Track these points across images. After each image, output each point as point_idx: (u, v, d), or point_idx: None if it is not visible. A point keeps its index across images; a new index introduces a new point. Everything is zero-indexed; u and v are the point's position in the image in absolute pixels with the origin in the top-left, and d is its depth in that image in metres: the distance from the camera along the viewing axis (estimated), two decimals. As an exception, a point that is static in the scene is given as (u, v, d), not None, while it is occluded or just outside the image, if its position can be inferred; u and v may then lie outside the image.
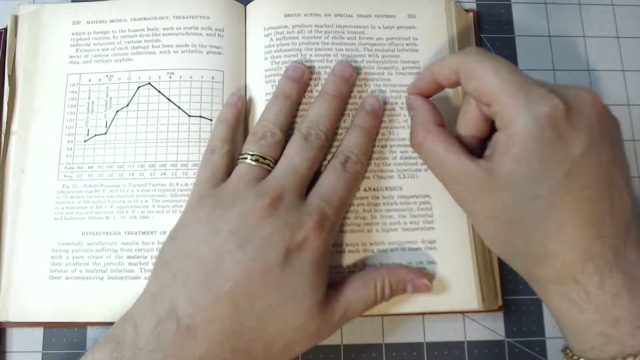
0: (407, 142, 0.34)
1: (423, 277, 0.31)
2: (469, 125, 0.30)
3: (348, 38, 0.36)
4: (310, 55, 0.35)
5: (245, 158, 0.31)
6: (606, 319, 0.25)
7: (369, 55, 0.36)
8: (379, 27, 0.36)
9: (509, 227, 0.27)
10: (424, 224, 0.33)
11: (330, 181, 0.31)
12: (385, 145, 0.34)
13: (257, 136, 0.32)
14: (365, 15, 0.37)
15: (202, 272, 0.27)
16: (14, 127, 0.35)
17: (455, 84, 0.29)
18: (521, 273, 0.28)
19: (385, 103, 0.35)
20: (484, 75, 0.27)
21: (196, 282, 0.27)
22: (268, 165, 0.31)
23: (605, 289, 0.25)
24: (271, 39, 0.36)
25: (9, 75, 0.36)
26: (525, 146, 0.25)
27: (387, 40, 0.36)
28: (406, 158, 0.34)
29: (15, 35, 0.37)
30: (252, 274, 0.27)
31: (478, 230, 0.30)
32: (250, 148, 0.31)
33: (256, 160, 0.31)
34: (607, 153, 0.25)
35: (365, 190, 0.33)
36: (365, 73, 0.35)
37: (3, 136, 0.35)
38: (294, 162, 0.30)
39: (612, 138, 0.26)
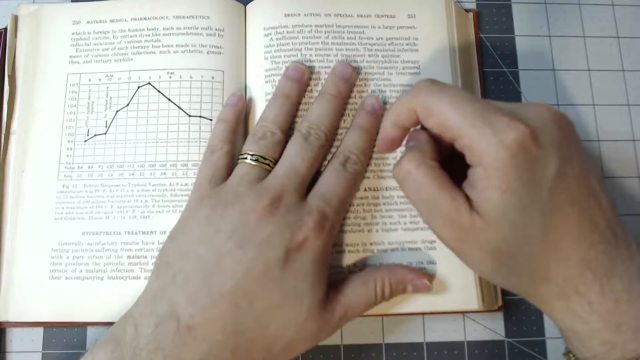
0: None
1: (423, 277, 0.31)
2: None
3: (348, 38, 0.36)
4: (310, 55, 0.35)
5: (245, 158, 0.31)
6: (609, 326, 0.25)
7: (369, 55, 0.36)
8: (379, 27, 0.36)
9: (510, 258, 0.26)
10: (424, 224, 0.33)
11: (330, 181, 0.31)
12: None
13: (257, 136, 0.32)
14: (365, 15, 0.37)
15: (202, 272, 0.27)
16: (14, 127, 0.35)
17: (418, 123, 0.29)
18: (523, 294, 0.28)
19: (385, 103, 0.35)
20: (443, 111, 0.26)
21: (196, 282, 0.27)
22: (268, 165, 0.31)
23: (606, 296, 0.25)
24: (271, 38, 0.36)
25: (9, 75, 0.36)
26: (505, 175, 0.24)
27: (387, 40, 0.36)
28: None
29: (15, 35, 0.37)
30: (252, 273, 0.27)
31: (474, 266, 0.29)
32: (250, 148, 0.31)
33: (256, 161, 0.31)
34: (578, 163, 0.26)
35: (365, 190, 0.33)
36: (365, 73, 0.35)
37: (3, 136, 0.35)
38: (294, 163, 0.30)
39: (575, 144, 0.26)
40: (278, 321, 0.27)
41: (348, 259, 0.33)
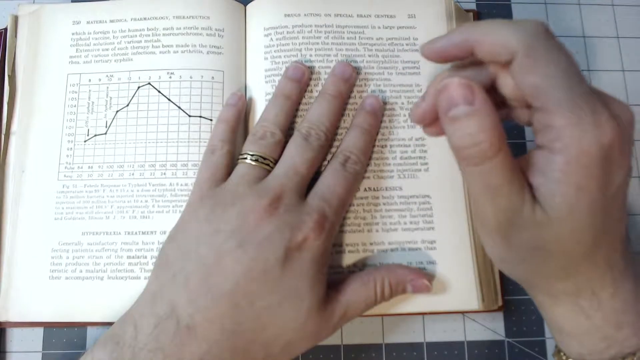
0: (407, 142, 0.34)
1: (423, 277, 0.31)
2: None
3: (348, 38, 0.36)
4: (310, 55, 0.35)
5: (245, 158, 0.31)
6: (612, 324, 0.25)
7: (369, 55, 0.36)
8: (379, 27, 0.36)
9: (551, 256, 0.24)
10: (424, 224, 0.33)
11: (330, 181, 0.30)
12: (385, 145, 0.34)
13: (257, 136, 0.32)
14: (365, 15, 0.37)
15: (201, 272, 0.27)
16: (14, 127, 0.35)
17: (496, 63, 0.25)
18: (528, 285, 0.28)
19: (385, 103, 0.35)
20: (552, 75, 0.22)
21: (196, 282, 0.27)
22: (268, 165, 0.31)
23: (617, 297, 0.25)
24: (271, 39, 0.36)
25: (9, 75, 0.36)
26: (589, 174, 0.22)
27: (387, 40, 0.36)
28: (406, 158, 0.34)
29: (15, 35, 0.37)
30: (252, 273, 0.27)
31: (495, 253, 0.26)
32: (250, 148, 0.31)
33: (256, 160, 0.31)
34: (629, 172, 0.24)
35: (365, 190, 0.33)
36: (365, 73, 0.35)
37: (3, 136, 0.35)
38: (294, 162, 0.30)
39: None
40: (277, 321, 0.27)
41: (348, 259, 0.33)
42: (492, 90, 0.26)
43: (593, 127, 0.21)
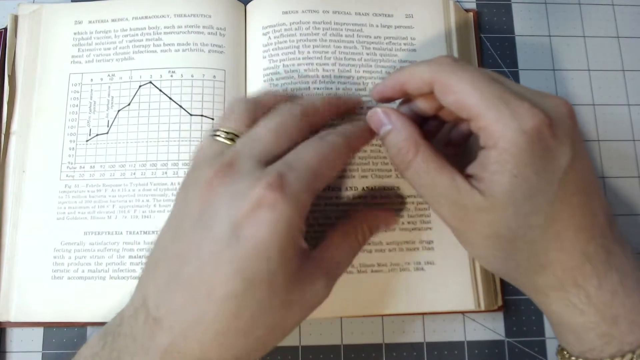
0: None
1: (391, 214, 0.32)
2: None
3: (346, 36, 0.36)
4: (308, 52, 0.35)
5: (211, 135, 0.28)
6: (606, 319, 0.25)
7: (367, 54, 0.36)
8: (377, 26, 0.36)
9: (510, 243, 0.26)
10: (422, 224, 0.33)
11: (299, 149, 0.27)
12: (383, 145, 0.34)
13: (226, 113, 0.29)
14: (363, 13, 0.37)
15: (165, 261, 0.26)
16: (14, 127, 0.35)
17: (426, 95, 0.28)
18: (519, 284, 0.28)
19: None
20: (463, 89, 0.26)
21: (162, 272, 0.25)
22: (232, 140, 0.28)
23: (603, 289, 0.25)
24: (269, 37, 0.36)
25: (9, 75, 0.36)
26: (520, 161, 0.24)
27: (385, 39, 0.36)
28: None
29: (15, 35, 0.37)
30: (204, 256, 0.24)
31: (472, 250, 0.29)
32: (216, 124, 0.29)
33: (218, 136, 0.28)
34: (586, 158, 0.26)
35: (363, 189, 0.33)
36: (363, 71, 0.35)
37: (3, 136, 0.35)
38: (256, 130, 0.27)
39: (582, 141, 0.27)
40: (246, 305, 0.24)
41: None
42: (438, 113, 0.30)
43: (512, 118, 0.24)
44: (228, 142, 0.27)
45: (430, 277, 0.33)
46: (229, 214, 0.24)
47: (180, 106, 0.35)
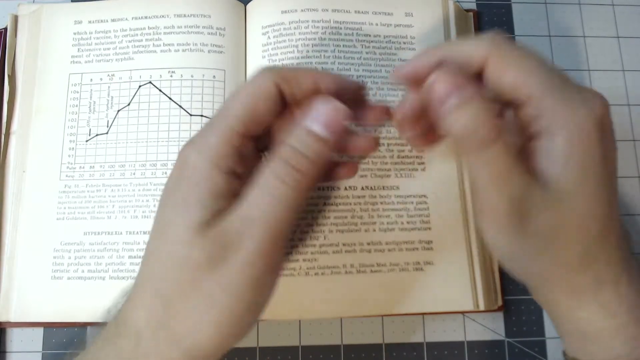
0: (404, 141, 0.34)
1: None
2: None
3: (345, 34, 0.36)
4: (307, 51, 0.35)
5: None
6: (636, 320, 0.24)
7: (367, 52, 0.36)
8: (377, 24, 0.36)
9: (570, 239, 0.23)
10: (421, 224, 0.33)
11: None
12: (382, 144, 0.34)
13: None
14: (362, 12, 0.37)
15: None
16: (14, 127, 0.35)
17: (474, 71, 0.24)
18: (545, 282, 0.25)
19: (382, 102, 0.35)
20: (525, 67, 0.23)
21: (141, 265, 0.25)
22: None
23: (632, 286, 0.24)
24: (268, 37, 0.36)
25: (9, 75, 0.36)
26: (589, 148, 0.22)
27: (384, 37, 0.36)
28: (403, 157, 0.34)
29: (15, 35, 0.37)
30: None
31: (507, 249, 0.25)
32: None
33: None
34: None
35: (362, 189, 0.33)
36: (363, 70, 0.35)
37: (3, 136, 0.35)
38: None
39: None
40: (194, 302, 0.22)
41: (345, 259, 0.32)
42: None
43: (583, 102, 0.22)
44: None
45: (429, 277, 0.33)
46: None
47: (180, 106, 0.35)
